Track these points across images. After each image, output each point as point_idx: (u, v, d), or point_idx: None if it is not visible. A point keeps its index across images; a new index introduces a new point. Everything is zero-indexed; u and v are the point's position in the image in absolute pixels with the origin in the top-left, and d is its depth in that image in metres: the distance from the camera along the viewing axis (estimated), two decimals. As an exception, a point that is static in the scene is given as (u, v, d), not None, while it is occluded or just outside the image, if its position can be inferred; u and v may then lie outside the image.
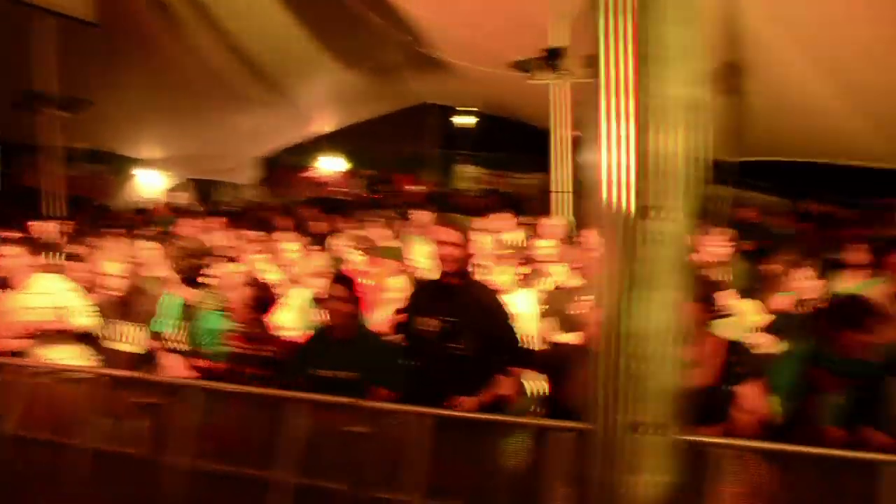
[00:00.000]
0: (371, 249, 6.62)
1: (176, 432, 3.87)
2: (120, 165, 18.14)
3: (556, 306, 5.37)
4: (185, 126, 16.27)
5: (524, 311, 4.64)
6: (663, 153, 1.20)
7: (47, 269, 5.46)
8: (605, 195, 1.18)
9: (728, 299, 5.29)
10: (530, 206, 12.81)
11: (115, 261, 5.42)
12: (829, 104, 9.38)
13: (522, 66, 9.82)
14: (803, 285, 5.40)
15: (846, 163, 11.62)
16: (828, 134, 10.46)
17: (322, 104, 16.96)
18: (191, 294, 5.10)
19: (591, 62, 1.32)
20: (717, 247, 6.39)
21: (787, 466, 3.12)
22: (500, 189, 17.38)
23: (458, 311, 3.81)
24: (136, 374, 4.48)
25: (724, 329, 4.85)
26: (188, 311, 5.02)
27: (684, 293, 1.26)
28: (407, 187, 16.42)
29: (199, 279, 5.27)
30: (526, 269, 5.86)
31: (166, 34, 12.72)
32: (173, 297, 5.13)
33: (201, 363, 4.71)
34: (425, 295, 4.03)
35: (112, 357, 5.09)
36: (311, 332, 4.60)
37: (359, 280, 4.84)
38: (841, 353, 4.14)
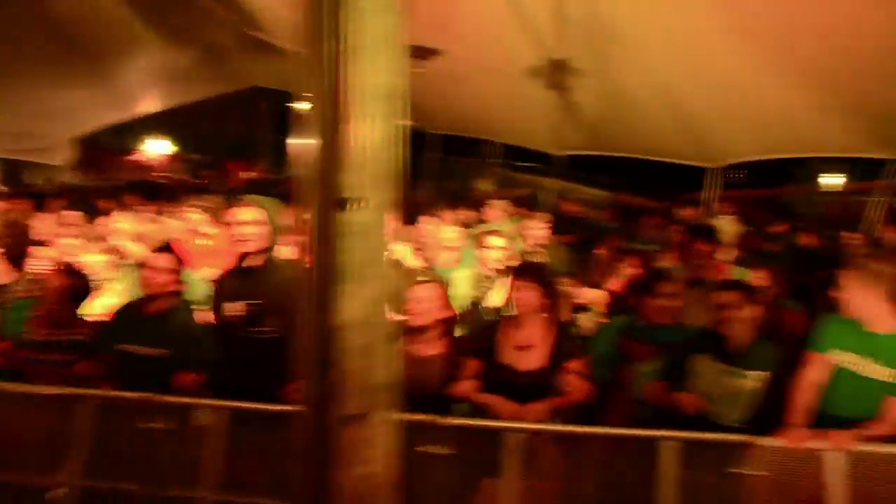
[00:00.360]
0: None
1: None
2: None
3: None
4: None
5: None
6: (363, 144, 1.26)
7: None
8: (305, 186, 1.23)
9: (577, 288, 5.63)
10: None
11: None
12: (649, 104, 10.07)
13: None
14: (628, 272, 5.88)
15: (659, 159, 12.58)
16: (645, 132, 11.26)
17: (146, 83, 16.10)
18: (9, 276, 4.82)
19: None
20: (536, 230, 6.77)
21: (575, 446, 3.36)
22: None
23: (262, 294, 3.76)
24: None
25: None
26: (3, 294, 4.70)
27: (387, 285, 1.34)
28: (237, 173, 15.93)
29: (22, 261, 4.92)
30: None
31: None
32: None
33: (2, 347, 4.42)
34: (230, 279, 3.94)
35: None
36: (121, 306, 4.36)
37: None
38: (647, 322, 4.55)
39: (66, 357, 4.23)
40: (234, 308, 3.76)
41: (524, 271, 4.08)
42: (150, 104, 17.33)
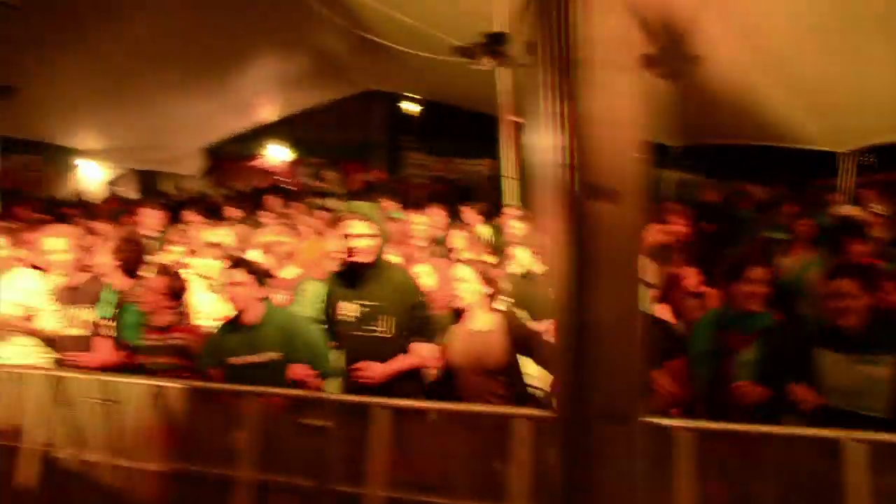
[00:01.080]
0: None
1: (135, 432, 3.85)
2: (56, 156, 17.65)
3: (523, 293, 5.49)
4: (124, 116, 15.85)
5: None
6: (609, 137, 1.21)
7: (26, 263, 5.42)
8: (554, 180, 1.18)
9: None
10: (479, 193, 12.94)
11: (65, 249, 5.34)
12: (769, 91, 9.65)
13: (465, 52, 9.83)
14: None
15: (781, 145, 12.00)
16: (770, 118, 10.79)
17: (265, 92, 16.72)
18: (125, 284, 5.03)
19: (533, 48, 1.31)
20: (677, 227, 6.56)
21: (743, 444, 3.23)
22: (447, 176, 17.41)
23: (376, 295, 3.93)
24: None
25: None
26: (119, 302, 4.94)
27: (639, 279, 1.30)
28: (355, 175, 16.31)
29: (138, 270, 5.20)
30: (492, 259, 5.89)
31: (98, 17, 12.29)
32: (112, 286, 5.07)
33: (121, 354, 4.71)
34: (344, 281, 4.10)
35: (60, 343, 5.03)
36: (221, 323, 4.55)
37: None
38: (739, 309, 4.33)
39: (172, 361, 4.39)
40: (348, 308, 3.92)
41: None
42: (269, 112, 18.02)
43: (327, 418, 3.45)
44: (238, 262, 4.35)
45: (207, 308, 5.38)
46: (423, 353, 3.97)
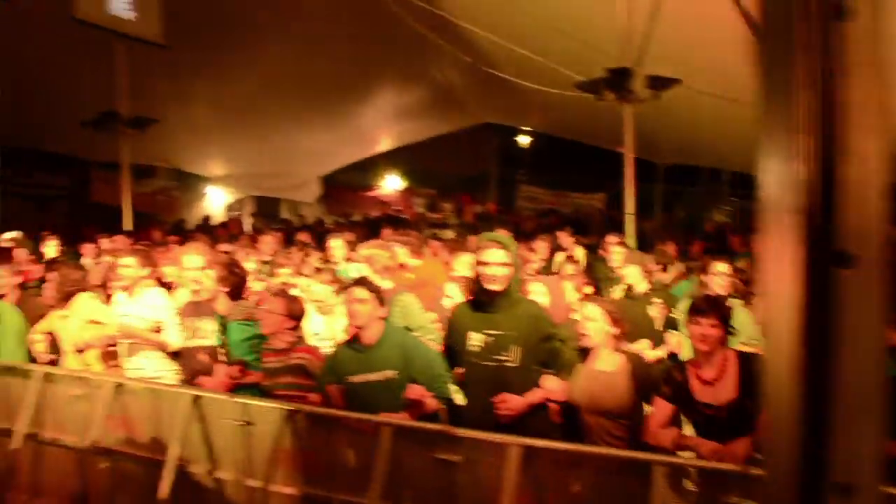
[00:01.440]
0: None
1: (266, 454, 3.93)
2: (187, 182, 18.71)
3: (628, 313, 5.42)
4: (249, 144, 16.64)
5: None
6: (860, 179, 1.09)
7: (153, 281, 5.64)
8: (786, 228, 1.07)
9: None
10: (592, 226, 12.78)
11: (200, 266, 5.55)
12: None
13: (588, 87, 9.79)
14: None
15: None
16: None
17: (382, 123, 17.16)
18: (227, 307, 5.14)
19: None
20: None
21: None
22: (560, 209, 17.31)
23: (504, 325, 3.86)
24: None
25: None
26: (224, 324, 5.08)
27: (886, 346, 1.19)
28: (468, 207, 16.44)
29: (242, 294, 5.29)
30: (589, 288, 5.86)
31: (231, 55, 12.99)
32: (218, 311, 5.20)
33: (238, 374, 4.75)
34: (470, 310, 4.05)
35: (187, 354, 5.20)
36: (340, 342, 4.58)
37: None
38: None
39: (295, 381, 4.41)
40: (476, 337, 3.87)
41: (705, 307, 3.72)
42: (385, 142, 18.48)
43: (458, 452, 3.42)
44: (360, 281, 4.36)
45: (318, 329, 5.50)
46: (552, 387, 3.89)
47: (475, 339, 3.88)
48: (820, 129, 1.05)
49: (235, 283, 5.19)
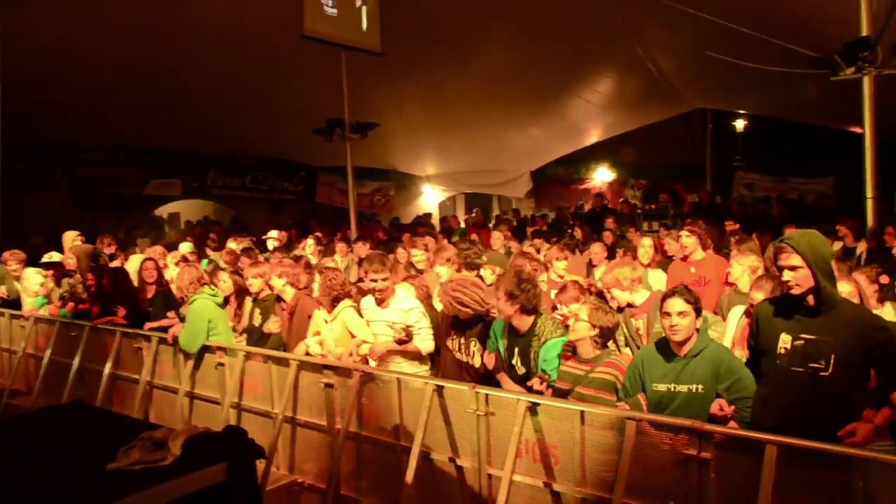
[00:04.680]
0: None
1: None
2: (400, 182, 19.69)
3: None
4: (461, 144, 17.19)
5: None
6: None
7: (402, 284, 5.70)
8: None
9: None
10: (821, 213, 11.81)
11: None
12: None
13: (823, 63, 9.06)
14: None
15: None
16: None
17: (592, 116, 16.97)
18: (523, 322, 4.60)
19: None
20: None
21: None
22: (785, 195, 16.15)
23: (820, 330, 3.50)
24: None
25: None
26: (520, 336, 4.62)
27: None
28: (683, 196, 15.78)
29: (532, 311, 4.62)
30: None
31: (442, 57, 13.44)
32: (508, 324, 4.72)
33: (539, 387, 4.33)
34: (780, 311, 3.73)
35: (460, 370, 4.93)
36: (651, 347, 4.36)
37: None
38: None
39: (598, 394, 4.22)
40: (787, 342, 3.56)
41: None
42: (595, 134, 18.28)
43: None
44: (678, 292, 4.12)
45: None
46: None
47: (785, 342, 3.61)
48: None
49: (528, 300, 4.52)
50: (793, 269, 3.51)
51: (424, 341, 5.11)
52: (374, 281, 5.12)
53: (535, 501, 4.04)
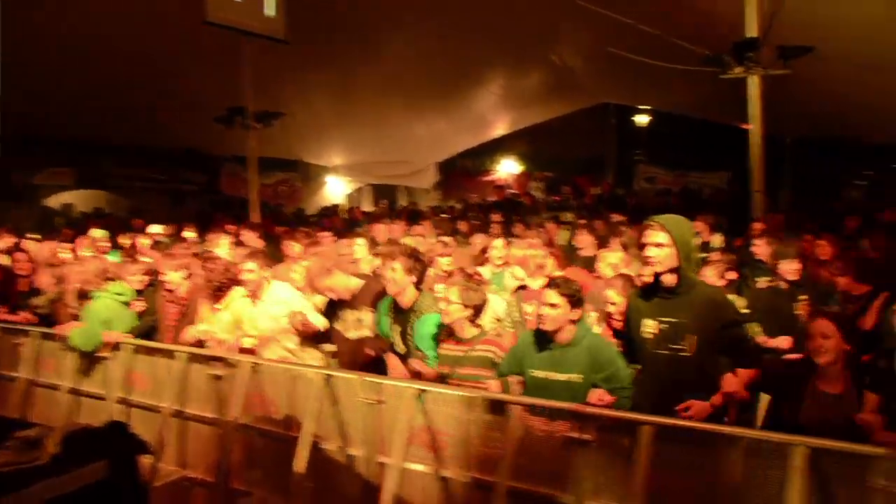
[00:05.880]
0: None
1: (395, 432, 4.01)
2: (306, 173, 19.39)
3: (764, 305, 5.21)
4: (367, 134, 17.05)
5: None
6: None
7: (276, 277, 5.67)
8: None
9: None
10: (715, 206, 12.30)
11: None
12: None
13: (714, 62, 9.43)
14: None
15: None
16: None
17: (498, 108, 17.15)
18: (413, 298, 4.78)
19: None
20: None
21: None
22: (683, 188, 16.75)
23: (679, 312, 3.64)
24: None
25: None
26: (402, 314, 4.78)
27: None
28: (587, 189, 16.17)
29: (421, 284, 4.89)
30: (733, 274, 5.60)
31: (349, 48, 13.30)
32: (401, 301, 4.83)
33: (419, 367, 4.45)
34: (647, 297, 3.84)
35: (351, 347, 5.12)
36: (526, 333, 4.41)
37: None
38: None
39: (477, 372, 4.30)
40: (651, 326, 3.68)
41: None
42: (501, 127, 18.49)
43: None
44: (553, 284, 4.18)
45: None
46: (734, 386, 3.61)
47: (649, 327, 3.71)
48: None
49: (421, 274, 4.85)
50: (658, 245, 3.63)
51: (317, 319, 5.22)
52: (247, 275, 5.24)
53: (425, 488, 4.05)
